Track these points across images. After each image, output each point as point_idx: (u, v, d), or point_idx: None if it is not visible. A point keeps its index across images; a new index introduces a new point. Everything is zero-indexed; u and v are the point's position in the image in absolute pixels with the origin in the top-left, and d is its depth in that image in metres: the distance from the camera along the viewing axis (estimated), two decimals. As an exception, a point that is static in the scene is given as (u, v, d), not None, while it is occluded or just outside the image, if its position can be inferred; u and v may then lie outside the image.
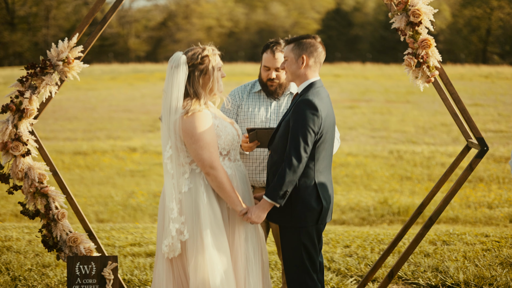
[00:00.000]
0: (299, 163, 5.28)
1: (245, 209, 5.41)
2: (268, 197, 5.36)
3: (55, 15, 69.91)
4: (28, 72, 6.17)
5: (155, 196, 15.20)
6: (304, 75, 5.53)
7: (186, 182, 5.43)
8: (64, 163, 19.12)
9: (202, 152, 5.32)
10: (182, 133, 5.33)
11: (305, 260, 5.54)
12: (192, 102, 5.36)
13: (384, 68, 54.24)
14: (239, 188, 5.57)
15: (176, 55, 5.47)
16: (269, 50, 6.27)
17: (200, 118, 5.34)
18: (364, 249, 8.73)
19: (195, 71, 5.43)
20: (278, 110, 6.41)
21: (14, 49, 65.30)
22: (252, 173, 6.40)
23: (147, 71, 52.57)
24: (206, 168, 5.34)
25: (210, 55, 5.49)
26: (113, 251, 8.92)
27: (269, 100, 6.44)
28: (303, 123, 5.28)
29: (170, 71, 5.44)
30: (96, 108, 31.40)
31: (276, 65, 6.29)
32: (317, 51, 5.54)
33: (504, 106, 29.30)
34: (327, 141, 5.49)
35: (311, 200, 5.44)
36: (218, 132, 5.45)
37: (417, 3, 6.11)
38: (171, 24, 72.54)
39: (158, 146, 21.28)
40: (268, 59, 6.30)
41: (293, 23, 73.65)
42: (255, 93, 6.48)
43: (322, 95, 5.46)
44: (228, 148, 5.52)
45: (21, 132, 6.19)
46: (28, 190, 6.24)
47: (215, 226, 5.40)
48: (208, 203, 5.41)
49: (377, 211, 13.45)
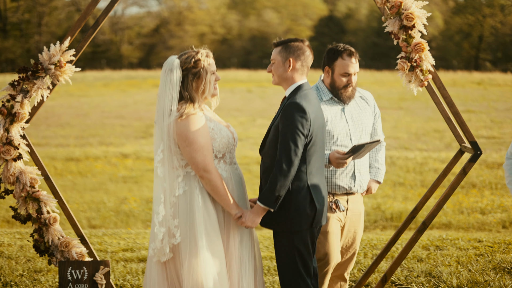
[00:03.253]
0: (290, 167, 5.27)
1: (239, 213, 5.40)
2: (261, 202, 5.34)
3: (48, 22, 69.81)
4: (19, 76, 6.14)
5: (148, 202, 15.16)
6: (291, 78, 5.53)
7: (180, 185, 5.41)
8: (57, 169, 19.06)
9: (196, 155, 5.31)
10: (176, 135, 5.32)
11: (298, 265, 5.51)
12: (186, 105, 5.36)
13: (376, 74, 54.25)
14: (234, 191, 5.55)
15: (170, 59, 5.48)
16: (345, 55, 6.13)
17: (194, 121, 5.33)
18: (358, 254, 8.70)
19: (189, 75, 5.43)
20: (351, 115, 6.28)
21: (6, 55, 65.15)
22: (339, 181, 6.21)
23: (139, 78, 52.52)
24: (200, 171, 5.33)
25: (203, 59, 5.47)
26: (105, 256, 8.89)
27: (340, 106, 6.25)
28: (292, 126, 5.27)
29: (164, 75, 5.45)
30: (88, 115, 31.33)
31: (356, 70, 6.17)
32: (304, 54, 5.53)
33: (496, 113, 29.35)
34: (318, 143, 5.48)
35: (305, 203, 5.42)
36: (213, 135, 5.44)
37: (410, 7, 6.11)
38: (164, 31, 72.50)
39: (151, 152, 21.24)
40: (346, 65, 6.12)
41: (286, 30, 73.67)
42: (326, 101, 6.23)
43: (310, 97, 5.46)
44: (224, 151, 5.50)
45: (12, 136, 6.16)
46: (19, 194, 6.20)
47: (210, 228, 5.39)
48: (203, 206, 5.39)
49: (370, 217, 13.44)
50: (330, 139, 6.13)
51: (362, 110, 6.36)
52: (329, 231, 6.14)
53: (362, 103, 6.41)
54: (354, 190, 6.26)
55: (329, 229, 6.14)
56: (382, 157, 6.59)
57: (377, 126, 6.54)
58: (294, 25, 74.10)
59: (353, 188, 6.24)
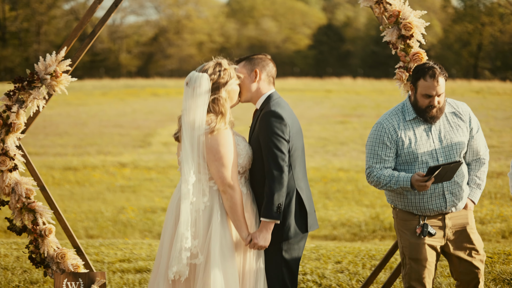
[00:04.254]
0: (281, 173, 5.30)
1: (249, 237, 5.36)
2: (264, 217, 5.36)
3: (46, 31, 69.86)
4: (15, 86, 6.11)
5: (145, 211, 15.10)
6: (258, 89, 5.60)
7: (204, 200, 5.37)
8: (54, 179, 19.00)
9: (224, 170, 5.28)
10: (206, 149, 5.29)
11: (285, 277, 5.53)
12: (217, 119, 5.33)
13: (375, 83, 54.31)
14: (253, 207, 5.52)
15: (195, 75, 5.40)
16: (428, 77, 5.66)
17: (225, 136, 5.32)
18: (356, 265, 8.65)
19: (220, 87, 5.40)
20: (439, 134, 5.84)
21: (5, 64, 65.19)
22: (428, 203, 5.84)
23: (138, 87, 52.50)
24: (225, 186, 5.29)
25: (228, 68, 5.50)
26: (102, 267, 8.82)
27: (425, 125, 5.84)
28: (273, 134, 5.33)
29: (192, 91, 5.35)
30: (86, 124, 31.29)
31: (439, 92, 5.69)
32: (268, 65, 5.64)
33: (496, 121, 29.30)
34: (299, 148, 5.55)
35: (296, 207, 5.48)
36: (239, 150, 5.44)
37: (409, 16, 6.08)
38: (163, 40, 72.53)
39: (149, 161, 21.21)
40: (428, 87, 5.67)
41: (285, 38, 73.75)
42: (410, 121, 5.85)
43: (282, 104, 5.52)
44: (246, 167, 5.50)
45: (8, 147, 6.12)
46: (15, 205, 6.16)
47: (224, 247, 5.34)
48: (220, 222, 5.36)
49: (368, 227, 13.38)
50: (414, 160, 5.79)
51: (454, 128, 5.89)
52: (417, 258, 5.87)
53: (455, 119, 5.93)
54: (448, 210, 5.87)
55: (417, 255, 5.87)
56: (482, 175, 6.06)
57: (475, 143, 6.00)
58: (293, 34, 74.19)
59: (445, 209, 5.86)
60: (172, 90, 48.16)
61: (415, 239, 5.86)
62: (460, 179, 5.87)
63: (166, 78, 63.75)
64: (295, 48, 73.56)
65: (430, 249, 5.88)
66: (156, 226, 13.68)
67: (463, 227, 5.95)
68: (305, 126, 27.98)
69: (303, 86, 52.35)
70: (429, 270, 5.90)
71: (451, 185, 5.82)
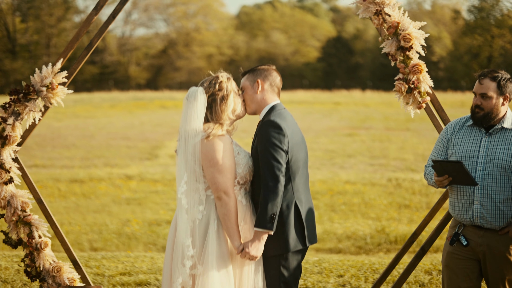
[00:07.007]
0: (277, 183, 5.22)
1: (241, 246, 5.29)
2: (257, 227, 5.27)
3: (56, 43, 70.14)
4: (11, 98, 6.08)
5: (150, 224, 15.04)
6: (262, 100, 5.55)
7: (200, 210, 5.32)
8: (61, 191, 18.98)
9: (219, 176, 5.23)
10: (201, 155, 5.26)
11: None
12: (214, 126, 5.32)
13: (384, 95, 54.27)
14: (252, 219, 5.46)
15: (192, 89, 5.43)
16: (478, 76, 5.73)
17: (221, 142, 5.29)
18: (358, 279, 8.57)
19: (216, 99, 5.40)
20: (489, 147, 5.63)
21: (15, 77, 65.44)
22: (460, 210, 5.70)
23: (146, 99, 52.62)
24: (219, 192, 5.24)
25: (225, 81, 5.47)
26: (102, 280, 8.76)
27: (480, 134, 5.70)
28: (270, 143, 5.26)
29: (187, 103, 5.38)
30: (94, 136, 31.32)
31: (480, 91, 5.63)
32: (271, 75, 5.59)
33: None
34: (300, 160, 5.47)
35: (295, 220, 5.41)
36: (238, 160, 5.39)
37: (408, 27, 6.02)
38: (172, 52, 72.71)
39: (155, 173, 21.17)
40: (475, 85, 5.70)
41: (294, 51, 73.82)
42: (468, 126, 5.79)
43: (285, 115, 5.46)
44: (247, 178, 5.44)
45: (3, 159, 6.08)
46: (10, 218, 6.12)
47: (219, 257, 5.29)
48: (216, 232, 5.31)
49: (374, 240, 13.28)
50: None
51: (504, 145, 5.64)
52: (445, 265, 5.79)
53: (510, 137, 5.68)
54: (477, 222, 5.60)
55: (445, 262, 5.79)
56: None
57: None
58: (302, 46, 74.28)
59: (473, 220, 5.61)
60: (180, 102, 48.17)
61: (447, 246, 5.81)
62: (495, 193, 5.57)
63: (175, 91, 63.87)
64: (304, 60, 73.63)
65: (464, 259, 5.72)
66: (161, 239, 13.61)
67: (502, 254, 5.61)
68: (312, 139, 27.91)
69: (312, 99, 52.35)
70: (462, 280, 5.71)
71: (482, 196, 5.56)
